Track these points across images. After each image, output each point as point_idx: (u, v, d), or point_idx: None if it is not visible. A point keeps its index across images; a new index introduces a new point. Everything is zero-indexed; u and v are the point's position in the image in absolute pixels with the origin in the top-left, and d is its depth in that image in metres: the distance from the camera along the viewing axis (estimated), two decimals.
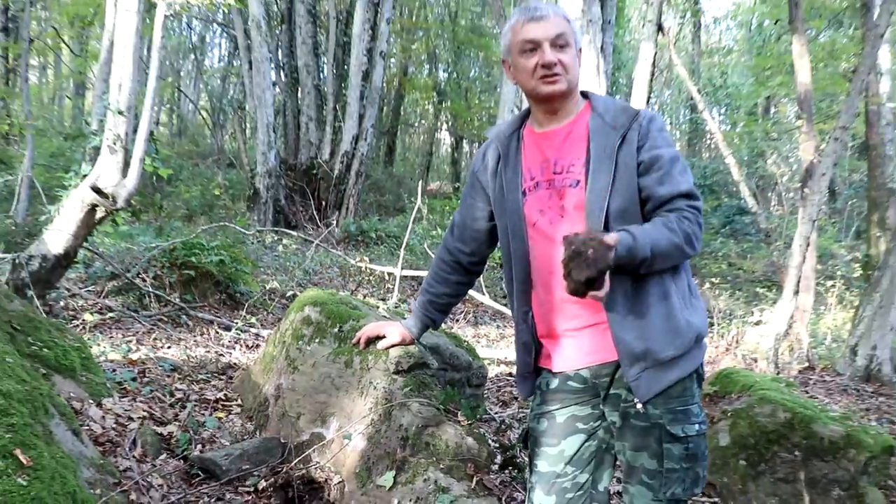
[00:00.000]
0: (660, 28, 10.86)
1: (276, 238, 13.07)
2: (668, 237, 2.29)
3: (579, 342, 2.50)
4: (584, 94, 2.61)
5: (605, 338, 2.43)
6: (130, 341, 5.84)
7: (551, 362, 2.60)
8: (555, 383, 2.58)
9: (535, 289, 2.57)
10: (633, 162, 2.39)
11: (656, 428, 2.42)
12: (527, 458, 2.75)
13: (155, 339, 6.07)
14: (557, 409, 2.58)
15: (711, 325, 8.68)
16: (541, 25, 2.46)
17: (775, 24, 20.67)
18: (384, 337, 3.34)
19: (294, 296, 7.88)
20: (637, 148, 2.41)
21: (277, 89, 17.20)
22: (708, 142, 28.46)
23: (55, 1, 21.64)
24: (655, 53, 11.08)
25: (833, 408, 5.64)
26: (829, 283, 12.39)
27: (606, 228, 2.34)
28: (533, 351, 2.64)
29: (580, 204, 2.42)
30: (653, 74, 11.13)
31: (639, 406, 2.40)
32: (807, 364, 8.09)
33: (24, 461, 2.32)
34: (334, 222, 15.05)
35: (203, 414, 4.32)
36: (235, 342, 6.34)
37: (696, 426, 2.46)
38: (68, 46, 23.80)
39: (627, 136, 2.42)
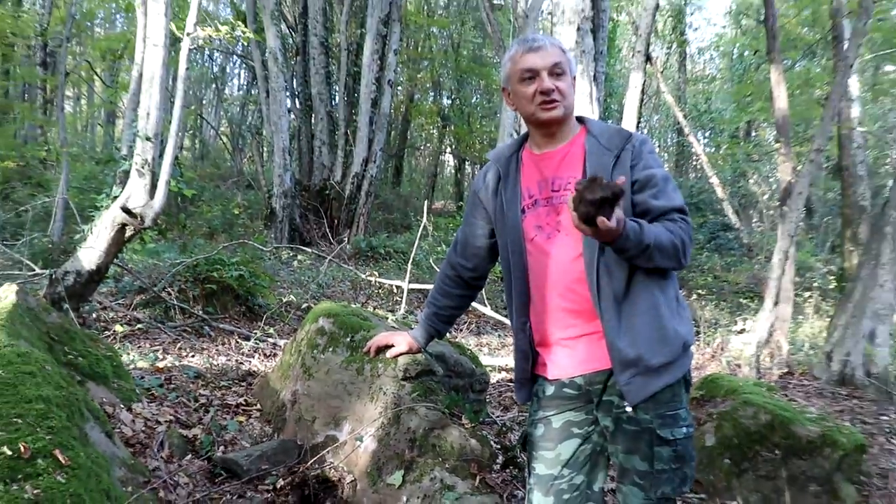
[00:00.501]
0: (648, 58, 10.92)
1: (291, 254, 13.09)
2: (668, 236, 2.30)
3: (574, 351, 2.52)
4: (580, 119, 2.63)
5: (599, 347, 2.44)
6: (157, 350, 5.86)
7: (547, 370, 2.61)
8: (551, 390, 2.59)
9: (533, 301, 2.58)
10: (628, 181, 2.41)
11: (646, 432, 2.43)
12: (526, 460, 2.76)
13: (180, 348, 6.09)
14: (553, 415, 2.59)
15: (698, 333, 8.68)
16: (539, 55, 2.48)
17: (755, 54, 20.75)
18: (393, 346, 3.35)
19: (308, 308, 7.90)
20: (631, 167, 2.42)
21: (292, 116, 17.25)
22: (694, 163, 28.43)
23: (89, 37, 21.80)
24: (644, 81, 11.15)
25: (810, 410, 5.64)
26: (807, 294, 12.37)
27: (601, 244, 2.36)
28: (530, 359, 2.65)
29: None
30: (642, 101, 11.19)
31: (629, 410, 2.41)
32: (786, 369, 8.08)
33: (63, 461, 2.34)
34: (346, 239, 15.07)
35: (225, 418, 4.33)
36: (254, 351, 6.35)
37: (684, 429, 2.46)
38: (100, 78, 23.96)
39: (621, 157, 2.44)
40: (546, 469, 2.58)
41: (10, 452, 2.22)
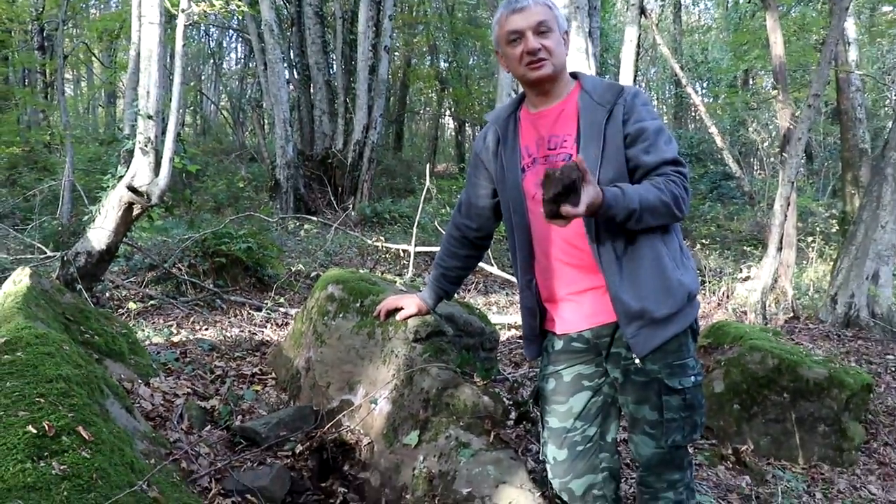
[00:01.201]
0: (642, 11, 10.81)
1: (297, 224, 13.11)
2: (656, 193, 2.29)
3: (580, 305, 2.53)
4: (574, 76, 2.63)
5: (604, 300, 2.45)
6: (171, 325, 5.90)
7: (555, 325, 2.62)
8: (559, 345, 2.61)
9: (537, 257, 2.60)
10: (620, 135, 2.40)
11: (655, 382, 2.45)
12: (539, 415, 2.79)
13: (193, 322, 6.13)
14: (564, 369, 2.61)
15: (703, 282, 8.69)
16: (522, 15, 2.46)
17: (749, 2, 20.54)
18: (402, 309, 3.36)
19: (317, 276, 7.92)
20: (623, 122, 2.41)
21: (291, 87, 17.20)
22: (693, 114, 28.32)
23: (85, 18, 21.68)
24: (640, 35, 11.05)
25: (817, 353, 5.68)
26: (810, 238, 12.35)
27: None
28: (538, 315, 2.67)
29: None
30: (638, 54, 11.10)
31: (637, 361, 2.43)
32: (792, 314, 8.11)
33: (87, 437, 2.37)
34: (350, 206, 15.07)
35: (241, 388, 4.37)
36: (266, 321, 6.38)
37: (693, 378, 2.48)
38: (99, 59, 23.88)
39: (613, 112, 2.43)
40: (559, 422, 2.61)
41: (35, 431, 2.24)
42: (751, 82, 26.92)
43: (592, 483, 2.60)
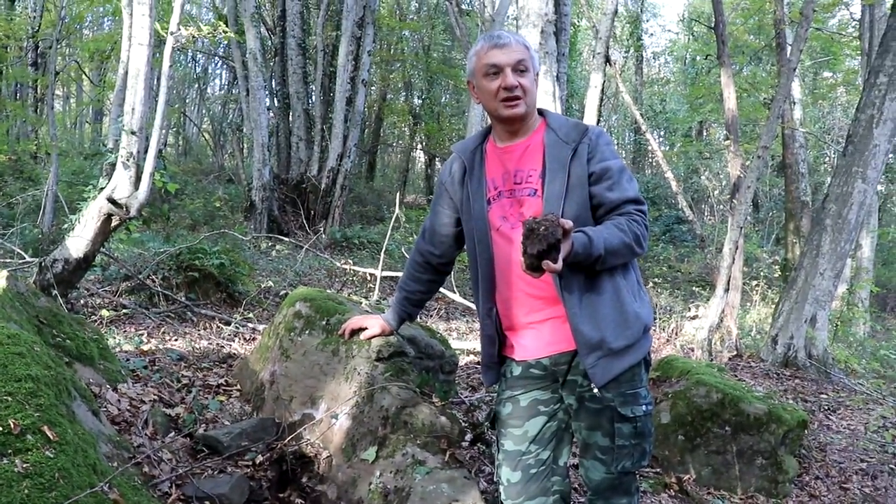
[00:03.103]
0: (608, 60, 10.94)
1: (270, 244, 13.01)
2: (620, 237, 2.29)
3: (540, 333, 2.51)
4: (541, 112, 2.62)
5: (563, 329, 2.43)
6: (142, 334, 5.79)
7: (514, 351, 2.60)
8: (518, 371, 2.59)
9: (499, 287, 2.57)
10: (584, 172, 2.39)
11: (608, 409, 2.43)
12: (494, 438, 2.76)
13: (164, 332, 6.03)
14: (521, 394, 2.59)
15: (655, 319, 8.74)
16: (503, 52, 2.45)
17: (706, 59, 20.85)
18: (366, 329, 3.34)
19: (286, 294, 7.85)
20: (587, 160, 2.40)
21: (271, 113, 17.16)
22: (650, 160, 28.64)
23: (78, 38, 21.54)
24: (604, 82, 11.16)
25: (757, 389, 5.71)
26: (754, 282, 12.51)
27: None
28: (497, 343, 2.64)
29: (538, 212, 2.41)
30: (602, 100, 11.21)
31: (595, 391, 2.41)
32: (735, 352, 8.17)
33: (52, 436, 2.30)
34: (322, 230, 14.99)
35: (206, 398, 4.29)
36: (234, 335, 6.30)
37: (644, 407, 2.48)
38: (89, 78, 23.74)
39: (578, 150, 2.42)
40: (514, 445, 2.58)
41: (0, 428, 2.18)
42: (705, 133, 27.33)
43: None
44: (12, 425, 2.22)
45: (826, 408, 6.67)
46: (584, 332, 2.36)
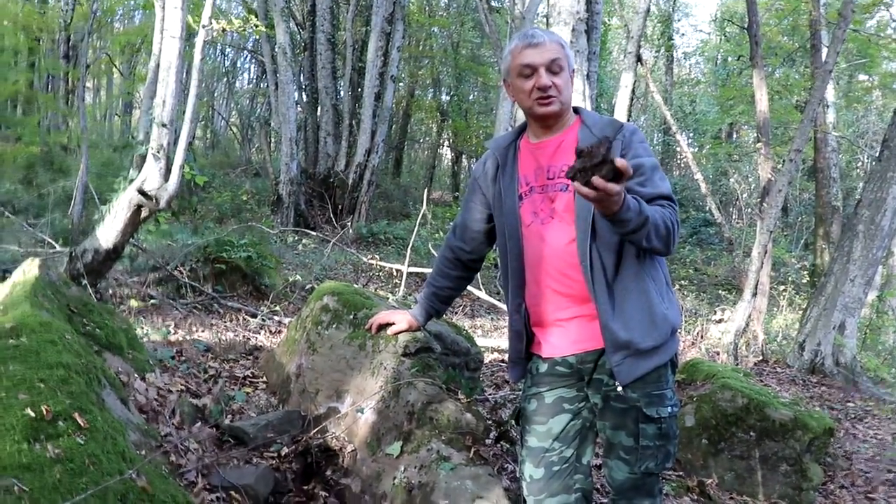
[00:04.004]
0: (639, 59, 10.90)
1: (296, 238, 13.08)
2: (662, 215, 2.26)
3: (567, 331, 2.51)
4: (576, 110, 2.62)
5: (590, 328, 2.44)
6: (169, 325, 5.85)
7: (541, 349, 2.60)
8: (544, 368, 2.59)
9: (528, 284, 2.58)
10: None
11: (633, 409, 2.43)
12: (518, 434, 2.77)
13: (190, 323, 6.08)
14: (546, 391, 2.59)
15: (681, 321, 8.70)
16: (538, 51, 2.45)
17: (738, 59, 20.73)
18: (394, 324, 3.35)
19: (312, 288, 7.88)
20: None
21: (300, 108, 17.20)
22: (678, 161, 28.46)
23: (109, 32, 21.76)
24: (634, 81, 11.12)
25: (783, 395, 5.68)
26: (781, 287, 12.42)
27: (593, 230, 2.35)
28: (524, 339, 2.64)
29: (569, 207, 2.42)
30: (632, 100, 11.17)
31: (619, 389, 2.41)
32: (761, 357, 8.12)
33: (82, 423, 2.34)
34: (348, 225, 15.04)
35: (233, 389, 4.33)
36: (260, 328, 6.34)
37: (669, 408, 2.47)
38: (119, 71, 23.95)
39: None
40: (538, 442, 2.59)
41: (33, 414, 2.22)
42: (734, 135, 27.11)
43: (566, 503, 2.57)
44: (45, 411, 2.26)
45: (853, 416, 6.61)
46: (614, 330, 2.36)
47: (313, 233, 12.88)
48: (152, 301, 6.45)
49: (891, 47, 16.55)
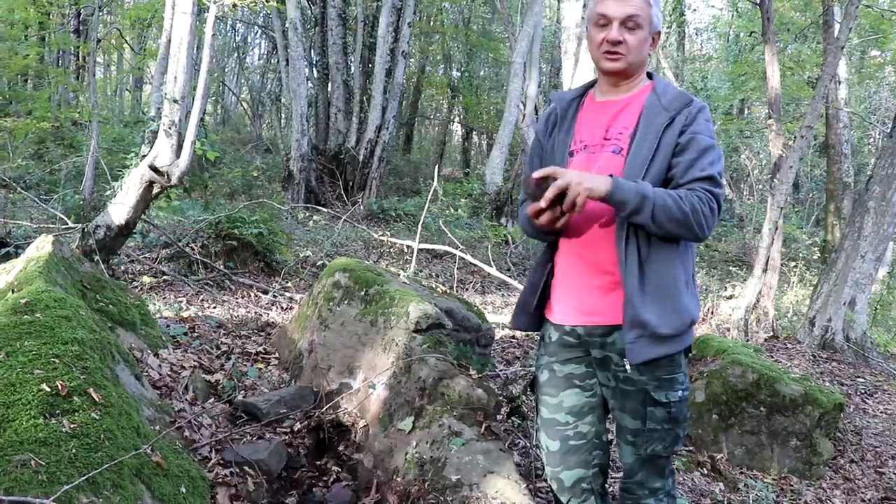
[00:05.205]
0: None
1: (307, 214, 13.08)
2: (676, 200, 2.20)
3: (581, 301, 2.46)
4: (650, 76, 2.53)
5: (605, 301, 2.39)
6: (181, 301, 5.87)
7: (552, 313, 2.57)
8: (555, 336, 2.54)
9: (561, 243, 2.52)
10: (673, 142, 2.32)
11: (641, 392, 2.39)
12: (530, 408, 2.75)
13: (202, 300, 6.10)
14: (557, 363, 2.55)
15: None
16: (617, 3, 2.35)
17: (749, 35, 20.52)
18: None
19: (323, 265, 7.90)
20: (680, 132, 2.32)
21: (310, 84, 17.13)
22: None
23: (120, 6, 21.67)
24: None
25: (794, 371, 5.66)
26: (792, 263, 12.36)
27: None
28: (538, 292, 2.58)
29: (618, 170, 2.34)
30: None
31: (627, 369, 2.37)
32: (772, 333, 8.09)
33: (97, 399, 2.35)
34: (359, 201, 15.01)
35: (245, 365, 4.35)
36: (272, 304, 6.36)
37: (680, 392, 2.42)
38: (130, 46, 23.85)
39: (675, 119, 2.33)
40: (549, 413, 2.56)
41: (48, 389, 2.23)
42: (746, 111, 26.90)
43: (582, 477, 2.55)
44: (60, 387, 2.27)
45: (863, 391, 6.60)
46: (636, 305, 2.29)
47: (324, 209, 12.88)
48: (164, 277, 6.47)
49: None
